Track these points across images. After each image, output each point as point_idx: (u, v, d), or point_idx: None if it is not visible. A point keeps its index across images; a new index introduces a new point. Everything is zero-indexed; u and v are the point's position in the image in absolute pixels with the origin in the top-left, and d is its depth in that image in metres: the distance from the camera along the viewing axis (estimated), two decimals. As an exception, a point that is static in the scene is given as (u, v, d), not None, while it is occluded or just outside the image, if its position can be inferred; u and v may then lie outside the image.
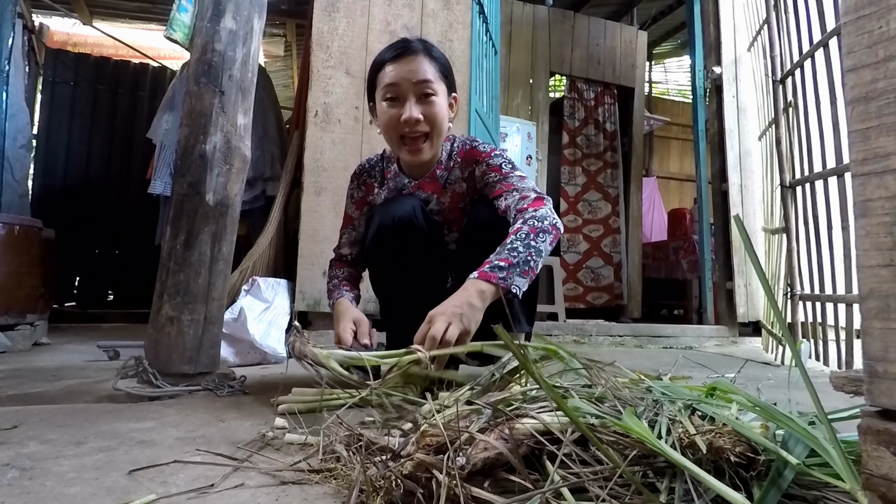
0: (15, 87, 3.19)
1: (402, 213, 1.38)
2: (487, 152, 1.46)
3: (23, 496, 0.71)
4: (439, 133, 1.41)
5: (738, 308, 3.55)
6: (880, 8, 0.51)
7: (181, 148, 1.54)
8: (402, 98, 1.36)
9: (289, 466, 0.83)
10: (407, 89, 1.35)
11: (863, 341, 0.55)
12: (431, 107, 1.36)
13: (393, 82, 1.35)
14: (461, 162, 1.49)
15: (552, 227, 1.29)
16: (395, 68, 1.36)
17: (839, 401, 0.81)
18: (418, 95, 1.35)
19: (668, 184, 8.01)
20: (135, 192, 4.88)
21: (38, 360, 2.15)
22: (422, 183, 1.50)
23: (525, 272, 1.22)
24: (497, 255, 1.22)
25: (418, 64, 1.35)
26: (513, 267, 1.20)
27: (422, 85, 1.35)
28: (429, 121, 1.37)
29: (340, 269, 1.56)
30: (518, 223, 1.28)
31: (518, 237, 1.24)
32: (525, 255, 1.22)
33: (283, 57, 6.40)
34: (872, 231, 0.52)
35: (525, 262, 1.22)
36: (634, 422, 0.67)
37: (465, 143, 1.52)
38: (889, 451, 0.50)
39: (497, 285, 1.17)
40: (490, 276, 1.18)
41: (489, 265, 1.21)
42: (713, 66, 3.69)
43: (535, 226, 1.26)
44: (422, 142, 1.39)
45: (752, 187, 3.63)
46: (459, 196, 1.49)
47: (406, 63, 1.35)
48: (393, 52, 1.38)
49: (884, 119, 0.51)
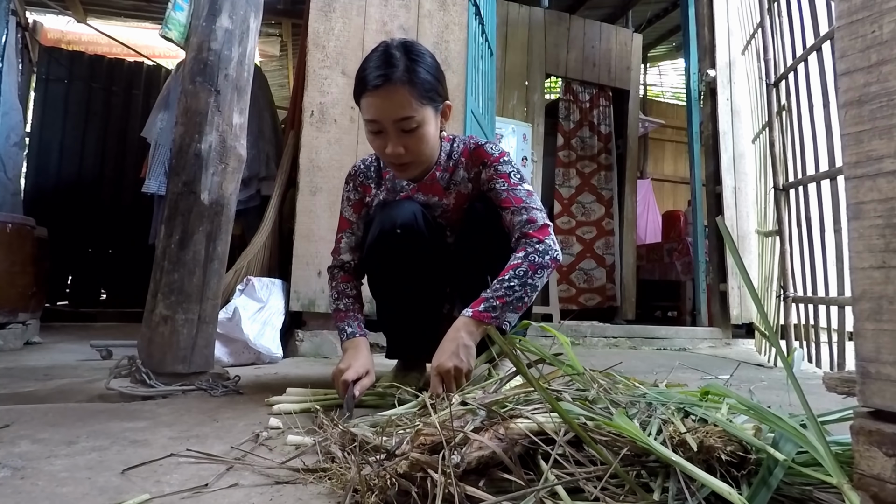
0: (8, 84, 3.18)
1: (403, 220, 1.36)
2: (496, 156, 1.42)
3: (14, 496, 0.71)
4: (427, 157, 1.39)
5: (731, 310, 3.57)
6: (873, 12, 0.51)
7: (176, 147, 1.53)
8: (384, 132, 1.31)
9: (283, 466, 0.83)
10: (388, 125, 1.29)
11: (855, 343, 0.55)
12: (414, 140, 1.32)
13: (373, 119, 1.30)
14: (466, 161, 1.45)
15: (552, 260, 1.30)
16: (375, 103, 1.28)
17: (832, 403, 0.81)
18: (400, 130, 1.30)
19: (662, 186, 8.04)
20: (128, 190, 4.85)
21: (30, 359, 2.14)
22: (421, 185, 1.46)
23: (518, 308, 1.27)
24: (494, 292, 1.25)
25: (398, 98, 1.26)
26: (507, 305, 1.24)
27: (403, 122, 1.28)
28: (412, 152, 1.33)
29: (346, 285, 1.49)
30: (519, 256, 1.29)
31: (516, 274, 1.26)
32: (520, 293, 1.25)
33: (279, 56, 6.39)
34: (865, 233, 0.53)
35: (519, 300, 1.26)
36: (625, 421, 0.68)
37: (468, 142, 1.47)
38: (881, 451, 0.51)
39: (489, 324, 1.21)
40: (483, 315, 1.23)
41: (484, 303, 1.24)
42: (707, 69, 3.70)
43: (534, 262, 1.27)
44: (408, 166, 1.37)
45: (745, 190, 3.65)
46: (465, 197, 1.45)
47: (385, 97, 1.26)
48: (372, 80, 1.26)
49: (876, 122, 0.52)
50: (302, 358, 2.36)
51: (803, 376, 2.09)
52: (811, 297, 2.25)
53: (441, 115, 1.39)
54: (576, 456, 0.68)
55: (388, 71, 1.26)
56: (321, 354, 2.42)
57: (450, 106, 1.41)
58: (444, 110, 1.39)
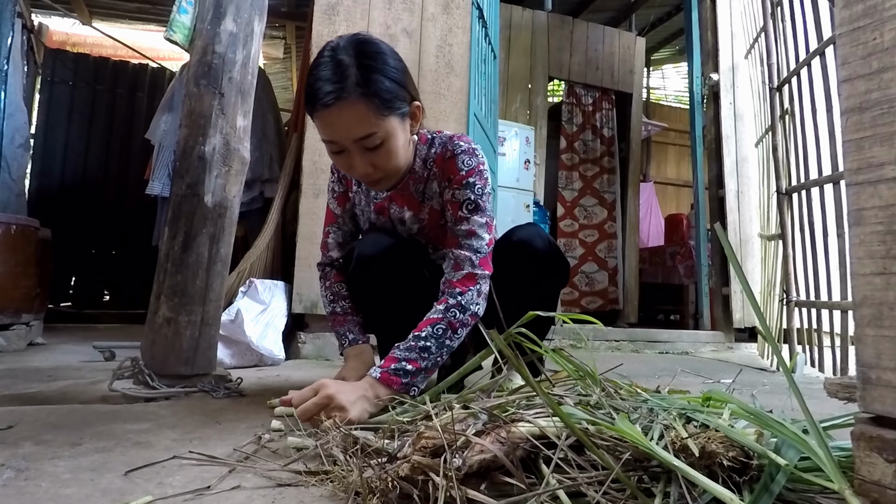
0: (13, 86, 3.19)
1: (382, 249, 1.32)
2: (464, 174, 1.27)
3: (18, 497, 0.71)
4: (398, 169, 1.26)
5: (734, 314, 3.56)
6: (874, 20, 0.51)
7: (180, 149, 1.54)
8: (346, 151, 1.17)
9: (285, 468, 0.83)
10: (348, 145, 1.15)
11: (856, 348, 0.55)
12: (382, 157, 1.18)
13: (330, 140, 1.16)
14: (438, 172, 1.32)
15: (472, 316, 1.21)
16: (329, 122, 1.13)
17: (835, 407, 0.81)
18: (363, 149, 1.16)
19: (665, 189, 8.04)
20: (132, 192, 4.86)
21: (34, 360, 2.14)
22: (393, 195, 1.37)
23: (430, 371, 1.17)
24: (406, 353, 1.14)
25: (355, 115, 1.11)
26: (419, 370, 1.14)
27: (365, 140, 1.14)
28: (381, 168, 1.20)
29: (340, 285, 1.44)
30: (440, 309, 1.19)
31: (434, 332, 1.16)
32: (436, 356, 1.16)
33: (283, 59, 6.41)
34: (866, 239, 0.53)
35: (434, 363, 1.17)
36: (627, 426, 0.68)
37: (445, 147, 1.32)
38: (882, 457, 0.51)
39: (397, 390, 1.11)
40: (392, 380, 1.11)
41: (395, 365, 1.12)
42: (711, 72, 3.71)
43: (454, 318, 1.18)
44: (378, 181, 1.26)
45: (748, 193, 3.64)
46: (438, 213, 1.36)
47: (339, 116, 1.10)
48: (322, 96, 1.09)
49: (878, 129, 0.52)
50: (304, 360, 2.36)
51: (806, 380, 2.09)
52: (814, 301, 2.25)
53: (410, 119, 1.23)
54: (577, 460, 0.68)
55: (338, 85, 1.09)
56: (323, 357, 2.42)
57: (419, 106, 1.25)
58: (412, 112, 1.22)
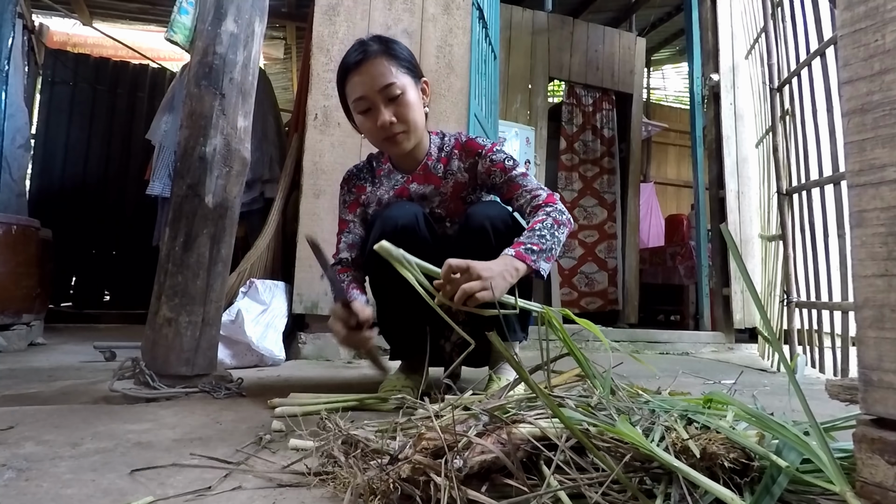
0: (14, 86, 3.19)
1: (405, 221, 1.39)
2: (489, 147, 1.50)
3: (19, 497, 0.71)
4: (416, 125, 1.46)
5: (734, 314, 3.56)
6: (876, 22, 0.51)
7: (181, 150, 1.54)
8: (373, 107, 1.41)
9: (286, 469, 0.83)
10: (374, 97, 1.39)
11: (858, 350, 0.55)
12: (402, 107, 1.41)
13: (361, 96, 1.40)
14: (459, 153, 1.53)
15: (568, 221, 1.39)
16: (358, 79, 1.40)
17: (836, 408, 0.81)
18: (387, 100, 1.40)
19: (665, 189, 8.03)
20: (133, 192, 4.87)
21: (34, 360, 2.14)
22: (415, 176, 1.53)
23: (548, 258, 1.31)
24: (528, 239, 1.30)
25: (378, 68, 1.38)
26: (542, 252, 1.28)
27: (387, 90, 1.39)
28: (402, 120, 1.42)
29: (344, 274, 1.52)
30: (541, 215, 1.36)
31: (545, 226, 1.32)
32: (551, 242, 1.31)
33: (283, 59, 6.40)
34: (868, 241, 0.53)
35: (550, 249, 1.31)
36: (628, 427, 0.68)
37: (458, 137, 1.56)
38: (884, 459, 0.51)
39: (529, 266, 1.25)
40: (525, 257, 1.25)
41: (523, 247, 1.28)
42: (711, 73, 3.70)
43: (557, 218, 1.35)
44: (400, 136, 1.44)
45: (749, 194, 3.64)
46: (461, 186, 1.52)
47: (367, 71, 1.38)
48: (353, 59, 1.40)
49: (879, 131, 0.52)
50: (304, 360, 2.36)
51: (807, 381, 2.09)
52: (814, 301, 2.25)
53: (422, 92, 1.48)
54: (578, 461, 0.68)
55: (365, 48, 1.40)
56: (324, 357, 2.42)
57: (427, 82, 1.52)
58: (423, 87, 1.49)
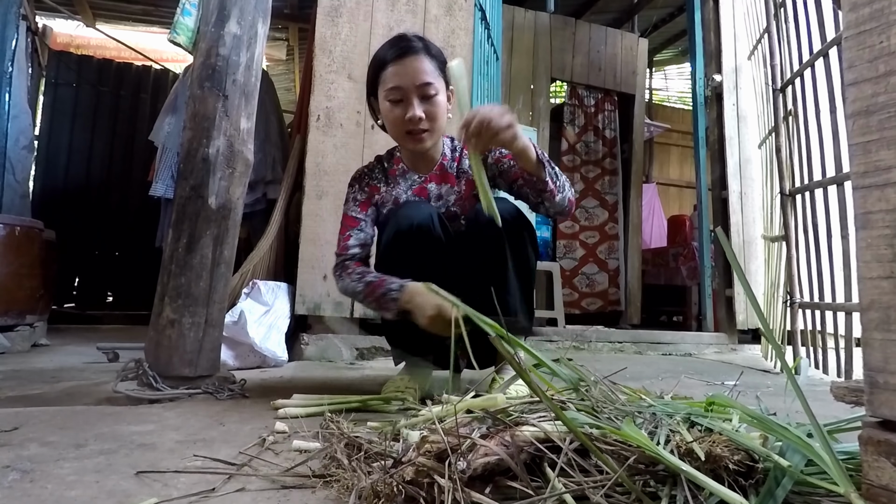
0: (17, 88, 3.20)
1: (420, 220, 1.39)
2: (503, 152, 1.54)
3: (24, 499, 0.72)
4: (439, 128, 1.50)
5: (737, 315, 3.55)
6: (881, 23, 0.51)
7: (184, 151, 1.54)
8: (405, 100, 1.43)
9: (289, 471, 0.83)
10: (410, 91, 1.42)
11: (863, 352, 0.55)
12: (433, 106, 1.44)
13: (396, 86, 1.42)
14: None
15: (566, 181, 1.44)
16: (398, 70, 1.42)
17: (840, 410, 0.81)
18: (421, 96, 1.43)
19: (667, 190, 8.01)
20: (135, 193, 4.88)
21: (38, 361, 2.15)
22: (432, 176, 1.57)
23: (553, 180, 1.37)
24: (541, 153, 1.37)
25: (419, 64, 1.42)
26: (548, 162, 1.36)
27: (424, 87, 1.42)
28: (430, 119, 1.45)
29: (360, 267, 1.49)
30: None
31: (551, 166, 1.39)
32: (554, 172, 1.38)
33: (286, 61, 6.41)
34: (873, 243, 0.53)
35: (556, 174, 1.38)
36: (633, 430, 0.68)
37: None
38: (890, 461, 0.51)
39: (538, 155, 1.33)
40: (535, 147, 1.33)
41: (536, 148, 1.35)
42: (714, 73, 3.70)
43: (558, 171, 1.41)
44: (424, 134, 1.47)
45: (751, 195, 3.63)
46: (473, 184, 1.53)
47: (407, 64, 1.41)
48: (394, 52, 1.43)
49: (884, 132, 0.52)
50: (307, 361, 2.36)
51: (810, 383, 2.08)
52: (818, 302, 2.24)
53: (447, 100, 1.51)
54: (582, 464, 0.68)
55: (407, 44, 1.44)
56: (326, 358, 2.42)
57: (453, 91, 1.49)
58: (448, 94, 1.51)
